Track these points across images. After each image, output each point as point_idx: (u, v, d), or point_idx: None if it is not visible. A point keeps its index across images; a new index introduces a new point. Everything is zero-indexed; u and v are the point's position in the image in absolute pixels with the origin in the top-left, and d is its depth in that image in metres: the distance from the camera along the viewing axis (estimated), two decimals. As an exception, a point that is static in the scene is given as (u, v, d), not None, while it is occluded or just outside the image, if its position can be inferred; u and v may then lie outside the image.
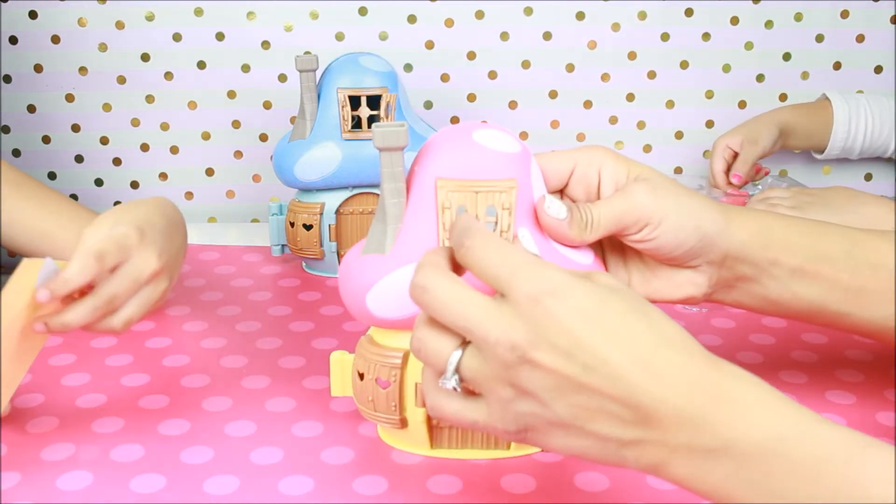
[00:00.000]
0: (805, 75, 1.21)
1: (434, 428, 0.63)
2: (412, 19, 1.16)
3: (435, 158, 0.59)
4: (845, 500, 0.42)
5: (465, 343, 0.47)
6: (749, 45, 1.20)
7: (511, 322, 0.45)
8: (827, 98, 1.16)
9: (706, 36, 1.19)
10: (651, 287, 0.63)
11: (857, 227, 0.65)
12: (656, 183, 0.60)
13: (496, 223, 0.58)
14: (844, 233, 0.63)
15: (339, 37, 1.16)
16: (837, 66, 1.21)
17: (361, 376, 0.63)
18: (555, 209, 0.59)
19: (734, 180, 1.10)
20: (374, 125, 0.58)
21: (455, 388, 0.47)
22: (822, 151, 1.18)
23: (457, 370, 0.47)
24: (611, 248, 0.64)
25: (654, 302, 0.62)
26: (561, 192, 0.63)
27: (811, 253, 0.62)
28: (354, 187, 0.95)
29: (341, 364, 0.65)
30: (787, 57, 1.20)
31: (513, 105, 1.20)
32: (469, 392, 0.48)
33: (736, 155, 1.12)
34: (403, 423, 0.63)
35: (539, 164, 0.61)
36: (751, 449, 0.44)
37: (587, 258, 0.61)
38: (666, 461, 0.45)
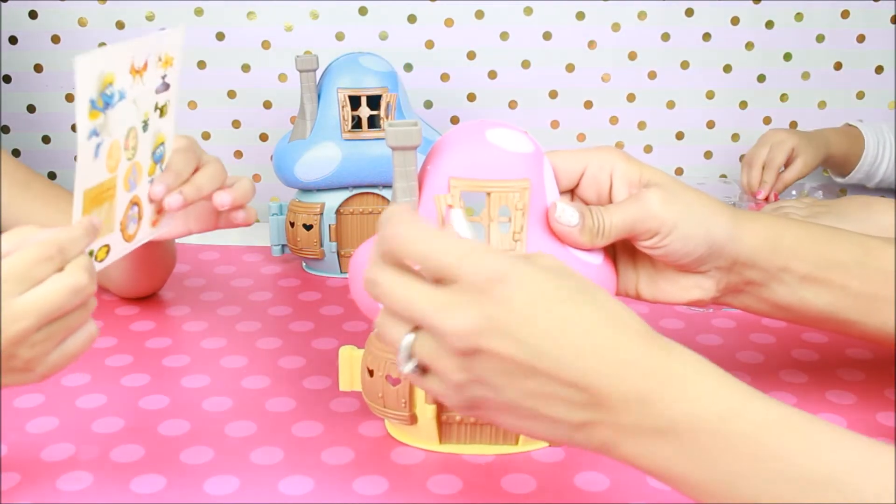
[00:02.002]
0: (805, 75, 1.21)
1: (443, 424, 0.64)
2: (412, 19, 1.16)
3: (448, 157, 0.59)
4: (787, 474, 0.43)
5: (416, 327, 0.47)
6: (749, 45, 1.20)
7: (460, 311, 0.45)
8: (851, 125, 1.15)
9: (706, 36, 1.19)
10: (659, 289, 0.64)
11: (871, 234, 0.65)
12: (668, 189, 0.60)
13: (510, 223, 0.58)
14: (856, 240, 0.63)
15: (339, 37, 1.16)
16: (838, 66, 1.21)
17: (371, 373, 0.63)
18: (567, 216, 0.59)
19: (759, 196, 1.10)
20: (387, 124, 0.58)
21: (413, 371, 0.47)
22: (843, 175, 1.17)
23: (412, 354, 0.47)
24: (622, 249, 0.64)
25: (660, 304, 0.63)
26: (572, 192, 0.63)
27: (822, 260, 0.62)
28: (354, 187, 0.95)
29: (350, 359, 0.66)
30: (787, 57, 1.20)
31: (513, 105, 1.20)
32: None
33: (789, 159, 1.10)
34: (413, 419, 0.63)
35: (550, 163, 0.61)
36: (695, 426, 0.44)
37: (597, 259, 0.61)
38: (615, 442, 0.45)
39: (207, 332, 0.84)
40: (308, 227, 0.95)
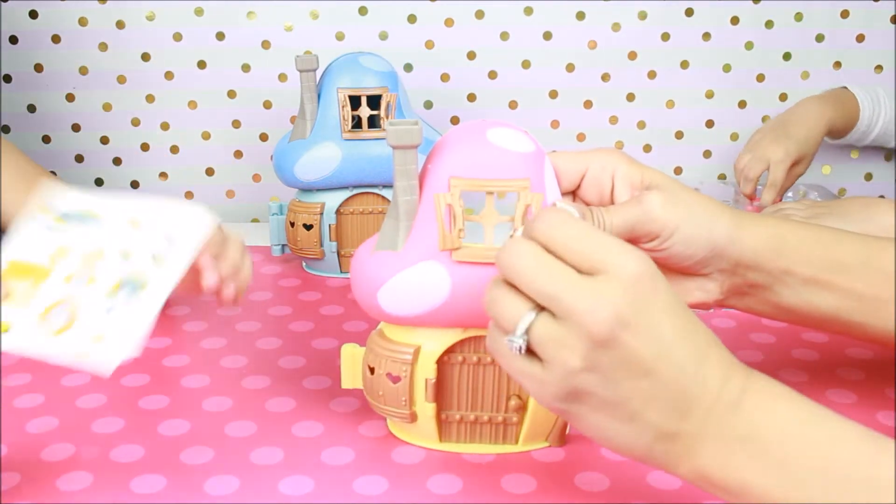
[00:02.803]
0: (805, 75, 1.21)
1: (443, 422, 0.64)
2: (412, 19, 1.16)
3: (448, 157, 0.59)
4: (858, 485, 0.44)
5: (539, 308, 0.47)
6: (749, 45, 1.20)
7: (607, 299, 0.45)
8: (846, 89, 1.15)
9: (706, 36, 1.19)
10: None
11: (874, 235, 0.65)
12: (670, 192, 0.60)
13: (511, 222, 0.58)
14: (860, 241, 0.63)
15: (339, 37, 1.16)
16: (837, 65, 1.21)
17: (372, 370, 0.63)
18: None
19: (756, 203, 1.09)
20: (387, 123, 0.58)
21: (520, 349, 0.47)
22: (837, 139, 1.17)
23: (526, 332, 0.47)
24: None
25: None
26: (573, 194, 0.63)
27: (825, 262, 0.62)
28: (354, 187, 0.95)
29: (352, 357, 0.66)
30: (787, 57, 1.20)
31: (513, 105, 1.20)
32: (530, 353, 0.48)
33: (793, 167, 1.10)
34: (413, 417, 0.63)
35: (552, 163, 0.61)
36: (773, 433, 0.46)
37: None
38: (694, 451, 0.47)
39: (207, 332, 0.84)
40: (308, 227, 0.95)
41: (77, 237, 0.57)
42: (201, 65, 1.16)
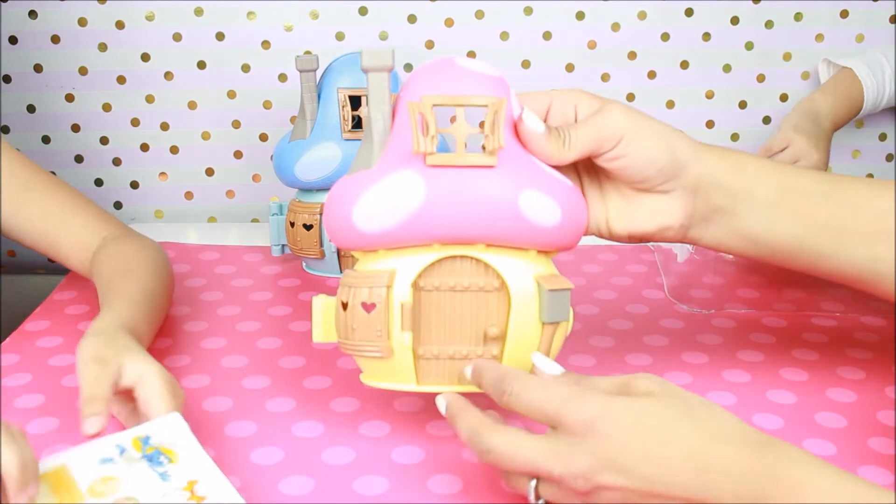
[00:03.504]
0: (805, 75, 1.21)
1: (420, 359, 0.62)
2: (412, 19, 1.16)
3: (420, 83, 0.61)
4: None
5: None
6: (749, 45, 1.20)
7: (569, 454, 0.50)
8: (850, 70, 1.14)
9: (706, 36, 1.19)
10: (627, 218, 0.64)
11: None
12: (630, 107, 0.63)
13: (481, 134, 0.59)
14: (821, 174, 0.64)
15: (339, 37, 1.16)
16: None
17: (345, 306, 0.61)
18: (532, 121, 0.61)
19: None
20: (363, 48, 0.60)
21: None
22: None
23: (538, 496, 0.53)
24: (589, 183, 0.66)
25: (632, 235, 0.65)
26: None
27: (786, 187, 0.62)
28: (354, 187, 0.95)
29: (324, 307, 0.64)
30: (787, 57, 1.20)
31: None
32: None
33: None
34: (389, 351, 0.61)
35: (518, 101, 0.63)
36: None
37: (566, 180, 0.62)
38: None
39: (207, 332, 0.84)
40: (308, 227, 0.95)
41: (131, 477, 0.55)
42: (201, 65, 1.16)
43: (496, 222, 0.59)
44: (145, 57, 1.15)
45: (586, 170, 0.65)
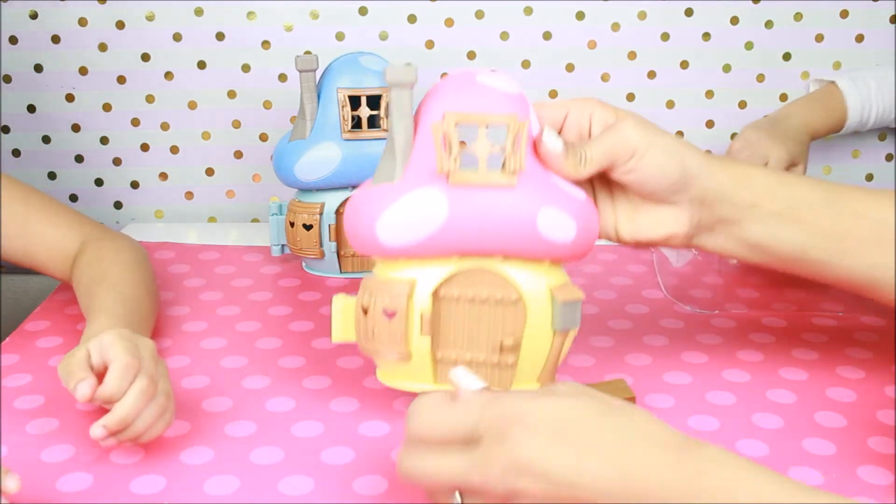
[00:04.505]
0: (805, 75, 1.21)
1: (438, 362, 0.64)
2: (412, 19, 1.16)
3: (442, 98, 0.62)
4: None
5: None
6: (749, 45, 1.20)
7: (487, 466, 0.48)
8: (834, 84, 1.13)
9: (706, 36, 1.19)
10: (636, 226, 0.66)
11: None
12: (643, 120, 0.64)
13: (502, 154, 0.60)
14: (824, 184, 0.65)
15: (339, 37, 1.16)
16: (837, 65, 1.21)
17: (366, 311, 0.63)
18: (552, 139, 0.62)
19: None
20: (387, 65, 0.61)
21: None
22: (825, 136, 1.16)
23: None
24: (601, 190, 0.67)
25: (638, 241, 0.66)
26: None
27: (791, 199, 0.64)
28: (354, 187, 0.95)
29: (344, 307, 0.65)
30: (787, 57, 1.20)
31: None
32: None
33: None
34: (408, 355, 0.63)
35: (536, 113, 0.65)
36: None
37: (581, 195, 0.64)
38: None
39: (207, 332, 0.84)
40: (308, 227, 0.95)
41: None
42: (201, 65, 1.16)
43: (515, 239, 0.61)
44: (145, 57, 1.15)
45: (598, 178, 0.67)
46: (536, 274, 0.63)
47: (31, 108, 1.17)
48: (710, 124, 1.23)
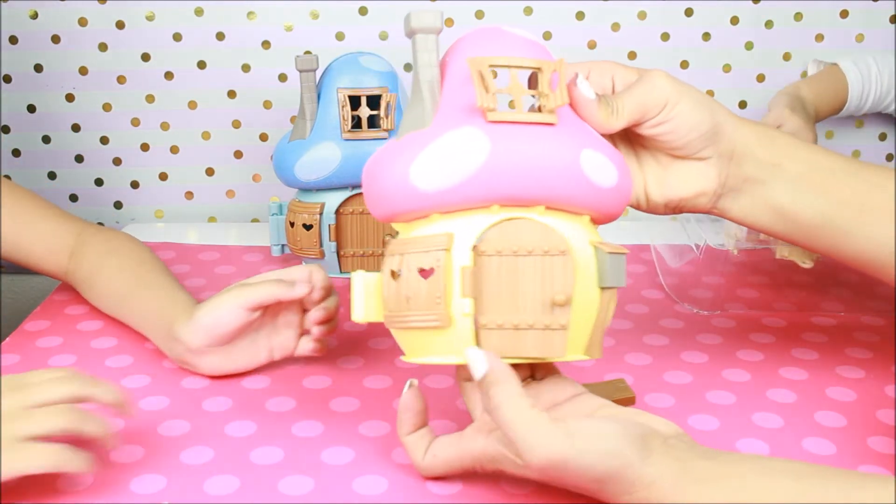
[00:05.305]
0: (804, 75, 1.21)
1: (481, 329, 0.57)
2: (412, 19, 1.16)
3: (469, 47, 0.61)
4: None
5: None
6: (749, 45, 1.20)
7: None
8: (836, 66, 1.14)
9: (706, 36, 1.19)
10: (664, 185, 0.66)
11: None
12: (670, 74, 0.64)
13: (537, 97, 0.59)
14: (845, 156, 0.66)
15: (339, 37, 1.16)
16: (837, 65, 1.21)
17: (395, 277, 0.57)
18: (585, 87, 0.62)
19: None
20: (410, 10, 0.59)
21: None
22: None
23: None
24: (625, 149, 0.67)
25: (669, 203, 0.67)
26: None
27: (813, 164, 0.65)
28: (354, 187, 0.95)
29: (367, 283, 0.60)
30: (787, 57, 1.20)
31: (513, 105, 1.20)
32: None
33: None
34: (448, 320, 0.56)
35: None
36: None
37: (611, 180, 0.60)
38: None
39: (207, 332, 0.84)
40: (308, 227, 0.95)
41: None
42: (201, 65, 1.16)
43: (558, 180, 0.57)
44: (145, 57, 1.15)
45: (623, 140, 0.67)
46: (578, 227, 0.58)
47: (31, 108, 1.17)
48: (710, 124, 1.23)
